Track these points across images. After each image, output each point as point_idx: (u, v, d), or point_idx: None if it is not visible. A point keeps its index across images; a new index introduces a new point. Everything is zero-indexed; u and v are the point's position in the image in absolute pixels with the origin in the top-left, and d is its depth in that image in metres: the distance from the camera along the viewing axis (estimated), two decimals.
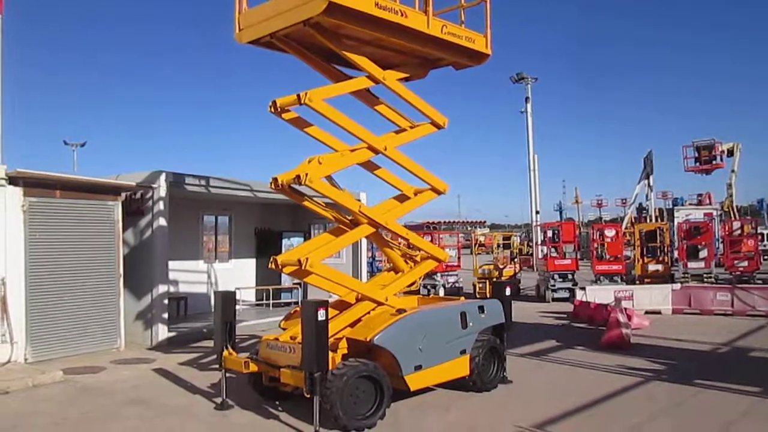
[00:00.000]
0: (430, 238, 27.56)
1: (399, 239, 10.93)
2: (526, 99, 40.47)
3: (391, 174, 10.43)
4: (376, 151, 9.60)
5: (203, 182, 15.48)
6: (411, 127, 10.25)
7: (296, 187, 9.08)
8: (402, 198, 10.40)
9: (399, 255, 10.56)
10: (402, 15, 8.97)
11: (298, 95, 8.62)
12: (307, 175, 8.46)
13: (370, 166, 10.19)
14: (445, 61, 10.39)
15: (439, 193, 10.50)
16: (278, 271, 8.79)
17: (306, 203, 9.88)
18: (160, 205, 14.21)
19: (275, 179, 8.92)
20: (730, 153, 41.48)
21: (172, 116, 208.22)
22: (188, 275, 18.02)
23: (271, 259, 8.66)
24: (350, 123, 9.24)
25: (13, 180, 12.01)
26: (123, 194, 14.04)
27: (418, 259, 10.53)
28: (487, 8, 10.26)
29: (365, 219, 9.49)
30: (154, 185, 14.16)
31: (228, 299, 9.27)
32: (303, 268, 8.37)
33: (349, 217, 9.79)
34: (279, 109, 9.03)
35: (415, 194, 10.45)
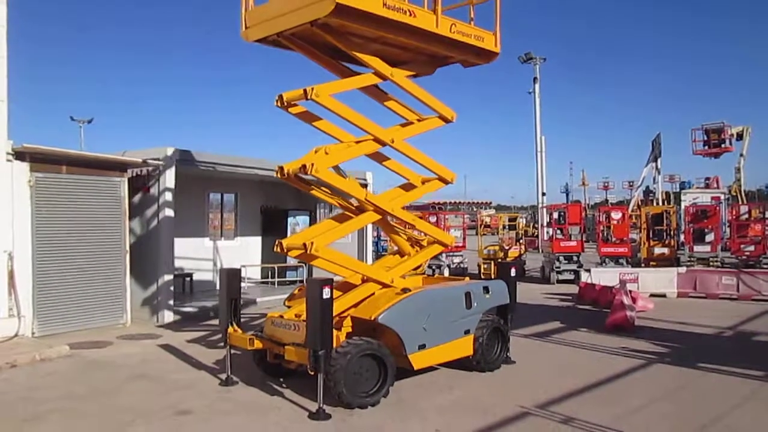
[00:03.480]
0: (435, 219, 27.63)
1: (405, 224, 10.91)
2: (534, 79, 40.06)
3: (399, 164, 10.41)
4: (383, 144, 9.57)
5: (210, 160, 15.49)
6: (419, 120, 10.20)
7: (302, 176, 9.05)
8: (408, 187, 10.39)
9: (405, 239, 10.55)
10: (410, 15, 8.82)
11: (305, 90, 8.53)
12: (313, 165, 8.42)
13: (378, 158, 10.18)
14: (453, 59, 10.27)
15: (446, 182, 10.53)
16: (283, 254, 8.82)
17: (313, 192, 9.90)
18: (167, 182, 14.21)
19: (281, 168, 8.89)
20: (740, 137, 41.18)
21: (180, 94, 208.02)
22: (194, 252, 18.08)
23: (276, 243, 8.66)
24: (357, 117, 9.17)
25: (19, 155, 12.02)
26: (129, 171, 14.04)
27: (424, 243, 10.51)
28: (497, 5, 10.09)
29: (371, 206, 9.49)
30: (160, 162, 14.15)
31: (233, 276, 9.30)
32: (308, 252, 8.38)
33: (355, 204, 9.77)
34: (285, 104, 8.97)
35: (423, 183, 10.46)
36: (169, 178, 14.25)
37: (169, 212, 14.33)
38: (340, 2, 7.93)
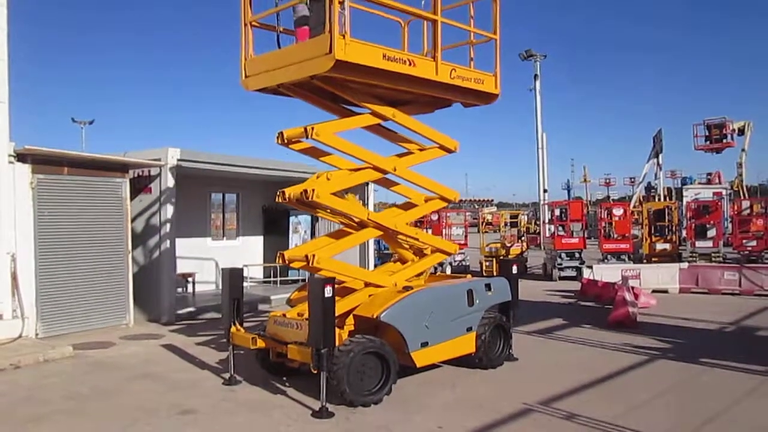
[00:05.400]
0: (437, 217, 27.63)
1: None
2: (535, 76, 39.96)
3: (404, 186, 10.48)
4: (384, 172, 9.64)
5: (212, 160, 15.50)
6: (420, 150, 10.26)
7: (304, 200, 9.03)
8: (409, 206, 10.48)
9: (408, 248, 10.55)
10: (410, 64, 8.79)
11: (305, 129, 8.54)
12: (314, 191, 8.44)
13: (385, 183, 10.28)
14: (453, 100, 10.31)
15: (449, 201, 10.79)
16: (285, 265, 8.90)
17: (316, 213, 10.01)
18: (168, 183, 14.23)
19: (283, 192, 8.87)
20: (741, 132, 41.21)
21: (181, 94, 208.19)
22: (196, 252, 18.10)
23: (278, 255, 8.75)
24: (360, 151, 9.21)
25: (21, 157, 12.04)
26: (131, 171, 14.06)
27: (427, 252, 10.49)
28: (496, 47, 10.07)
29: (373, 224, 9.53)
30: (162, 162, 14.17)
31: (235, 276, 9.31)
32: (311, 264, 8.41)
33: (357, 220, 9.80)
34: (286, 141, 8.99)
35: (426, 201, 10.54)
36: (171, 178, 14.27)
37: (170, 212, 14.35)
38: (339, 59, 7.88)
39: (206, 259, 18.75)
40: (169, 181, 14.25)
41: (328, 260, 8.70)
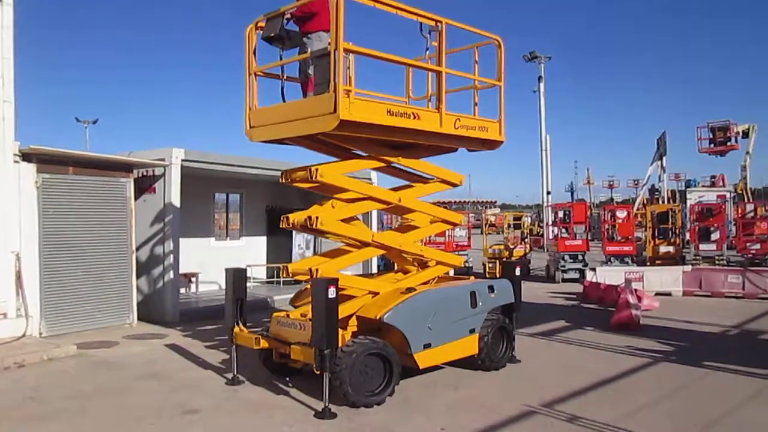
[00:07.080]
0: None
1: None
2: (539, 78, 40.07)
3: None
4: (388, 204, 9.70)
5: (216, 160, 15.52)
6: (424, 183, 10.34)
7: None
8: (410, 228, 10.52)
9: (411, 261, 10.54)
10: (414, 117, 8.75)
11: (309, 171, 8.56)
12: (317, 218, 8.45)
13: (395, 210, 10.41)
14: (458, 147, 10.33)
15: (453, 224, 11.01)
16: (289, 277, 9.08)
17: (322, 236, 10.12)
18: (173, 183, 14.26)
19: (287, 218, 8.91)
20: (745, 134, 41.10)
21: (186, 93, 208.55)
22: (200, 252, 18.13)
23: (282, 267, 8.84)
24: (365, 187, 9.31)
25: (26, 156, 12.08)
26: (135, 171, 14.10)
27: (431, 264, 10.45)
28: (501, 93, 10.04)
29: (377, 244, 9.53)
30: (166, 162, 14.20)
31: (239, 276, 9.34)
32: (314, 278, 8.40)
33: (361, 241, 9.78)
34: (290, 181, 9.07)
35: (431, 222, 10.59)
36: (175, 178, 14.30)
37: (174, 212, 14.38)
38: (344, 118, 7.85)
39: (210, 259, 18.78)
40: (173, 181, 14.28)
41: (332, 274, 8.65)
